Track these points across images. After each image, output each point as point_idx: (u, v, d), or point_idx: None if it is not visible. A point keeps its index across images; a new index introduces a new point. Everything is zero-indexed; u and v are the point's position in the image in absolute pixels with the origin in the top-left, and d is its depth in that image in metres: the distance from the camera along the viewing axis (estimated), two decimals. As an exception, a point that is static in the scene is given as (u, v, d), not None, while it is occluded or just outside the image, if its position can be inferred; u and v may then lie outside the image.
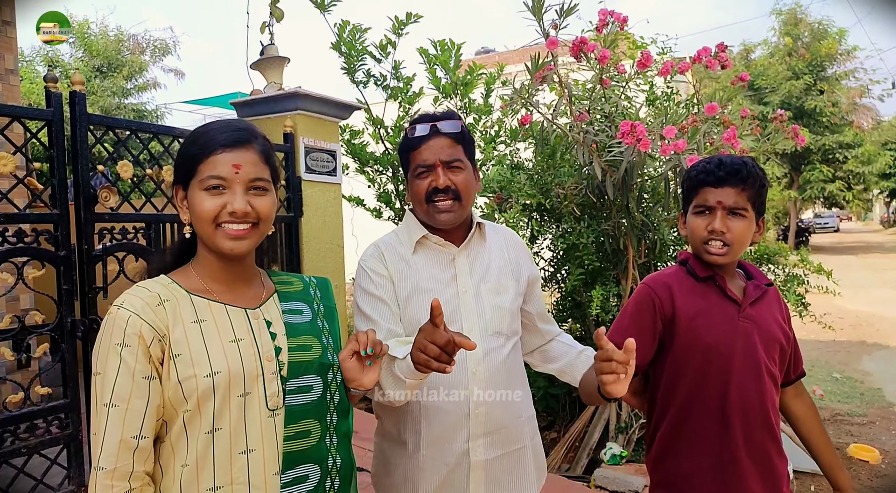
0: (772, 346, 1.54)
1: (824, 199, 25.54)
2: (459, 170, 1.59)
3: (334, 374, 1.30)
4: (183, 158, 1.22)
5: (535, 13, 2.73)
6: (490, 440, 1.59)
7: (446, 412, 1.56)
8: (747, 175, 1.50)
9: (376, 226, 5.19)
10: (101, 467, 1.08)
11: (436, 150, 1.57)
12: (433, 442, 1.57)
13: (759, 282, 1.60)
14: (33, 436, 2.47)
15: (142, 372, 1.11)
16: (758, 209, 1.55)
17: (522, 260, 1.76)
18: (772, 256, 3.94)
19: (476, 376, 1.57)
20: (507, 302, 1.65)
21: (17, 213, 2.46)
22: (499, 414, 1.60)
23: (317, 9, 4.03)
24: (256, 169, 1.20)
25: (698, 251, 1.58)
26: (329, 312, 1.40)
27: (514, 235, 1.82)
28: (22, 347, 2.50)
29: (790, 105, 20.12)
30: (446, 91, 4.49)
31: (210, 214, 1.17)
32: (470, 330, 1.57)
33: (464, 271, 1.63)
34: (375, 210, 5.04)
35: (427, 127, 1.59)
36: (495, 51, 21.20)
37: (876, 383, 6.11)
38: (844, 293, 4.80)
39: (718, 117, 2.95)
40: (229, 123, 1.25)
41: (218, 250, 1.20)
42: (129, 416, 1.09)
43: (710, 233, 1.52)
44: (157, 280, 1.22)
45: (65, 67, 13.85)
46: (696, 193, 1.56)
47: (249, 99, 3.95)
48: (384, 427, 1.68)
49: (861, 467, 3.99)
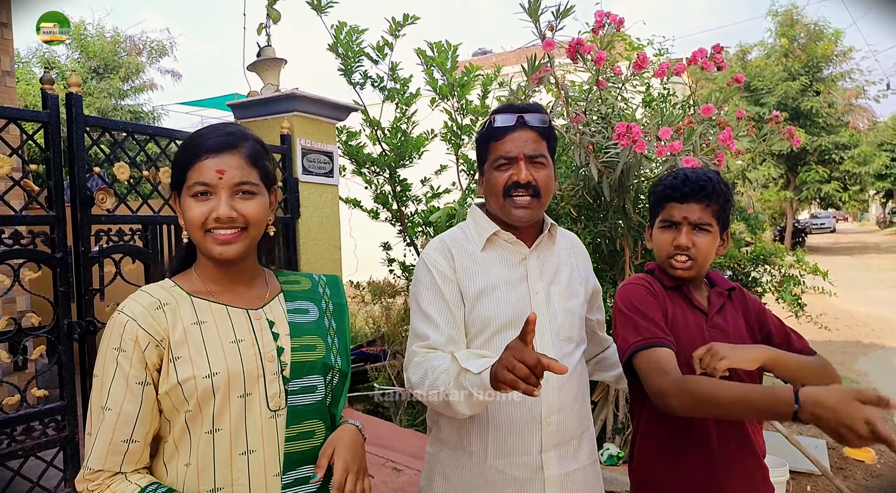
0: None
1: (820, 199, 25.58)
2: (542, 166, 1.52)
3: (332, 376, 1.29)
4: (175, 165, 1.23)
5: (531, 15, 2.73)
6: (563, 451, 1.49)
7: (517, 420, 1.46)
8: (712, 191, 1.51)
9: (373, 227, 5.20)
10: (90, 467, 1.11)
11: (520, 142, 1.50)
12: (502, 452, 1.46)
13: (721, 288, 1.61)
14: (30, 438, 2.46)
15: (136, 378, 1.13)
16: (722, 224, 1.56)
17: (588, 268, 1.72)
18: (768, 256, 3.95)
19: (548, 381, 1.44)
20: (577, 307, 1.58)
21: (13, 215, 2.46)
22: (571, 425, 1.51)
23: (313, 10, 4.03)
24: (242, 173, 1.20)
25: (664, 265, 1.58)
26: (339, 309, 1.39)
27: (579, 243, 1.77)
28: (18, 349, 2.49)
29: (786, 106, 20.16)
30: (443, 92, 4.50)
31: (198, 221, 1.18)
32: (541, 334, 1.49)
33: (534, 273, 1.55)
34: (372, 211, 5.04)
35: (513, 117, 1.51)
36: (492, 52, 21.21)
37: (872, 383, 6.13)
38: (840, 294, 4.82)
39: (714, 118, 2.96)
40: (218, 128, 1.25)
41: (209, 254, 1.21)
42: (120, 420, 1.12)
43: (675, 248, 1.53)
44: (160, 284, 1.24)
45: (61, 69, 13.82)
46: (662, 208, 1.57)
47: (246, 101, 3.95)
48: (443, 435, 1.56)
49: (857, 466, 4.00)
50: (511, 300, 1.50)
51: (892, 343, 7.89)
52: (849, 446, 1.20)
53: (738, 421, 1.49)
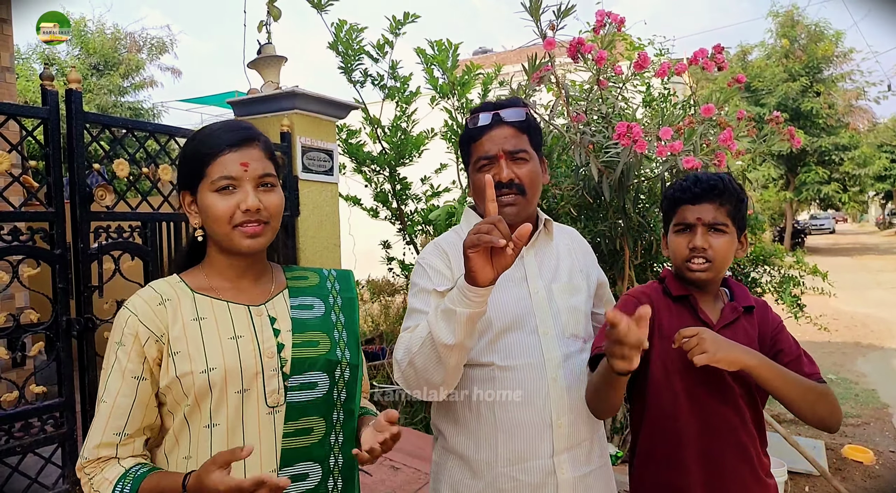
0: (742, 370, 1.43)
1: (820, 200, 25.61)
2: (524, 161, 1.48)
3: (342, 371, 1.29)
4: (189, 163, 1.23)
5: (532, 14, 2.73)
6: (575, 454, 1.45)
7: (526, 423, 1.41)
8: (724, 190, 1.48)
9: (373, 225, 5.20)
10: (85, 457, 1.14)
11: (498, 140, 1.46)
12: (513, 459, 1.41)
13: (739, 304, 1.53)
14: (28, 435, 2.46)
15: (132, 372, 1.15)
16: (738, 225, 1.51)
17: (590, 261, 1.68)
18: (768, 257, 3.96)
19: (556, 382, 1.43)
20: (581, 303, 1.54)
21: (12, 211, 2.45)
22: (582, 426, 1.47)
23: (314, 8, 4.02)
24: (263, 165, 1.21)
25: (681, 270, 1.53)
26: (348, 303, 1.38)
27: (579, 236, 1.73)
28: (17, 345, 2.50)
29: (787, 107, 20.18)
30: (443, 91, 4.49)
31: (225, 215, 1.18)
32: (545, 333, 1.45)
33: (533, 271, 1.52)
34: (372, 210, 5.04)
35: (489, 116, 1.48)
36: (493, 51, 21.21)
37: (870, 384, 6.13)
38: (840, 295, 4.82)
39: (715, 119, 2.96)
40: (229, 124, 1.25)
41: (235, 249, 1.21)
42: (114, 413, 1.14)
43: (691, 250, 1.48)
44: (166, 280, 1.25)
45: (61, 65, 13.79)
46: (675, 212, 1.54)
47: (246, 98, 3.95)
48: (449, 443, 1.51)
49: (855, 468, 4.01)
50: (512, 300, 1.47)
51: (891, 344, 7.90)
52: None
53: (731, 432, 1.45)
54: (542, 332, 1.45)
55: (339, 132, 4.54)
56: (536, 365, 1.41)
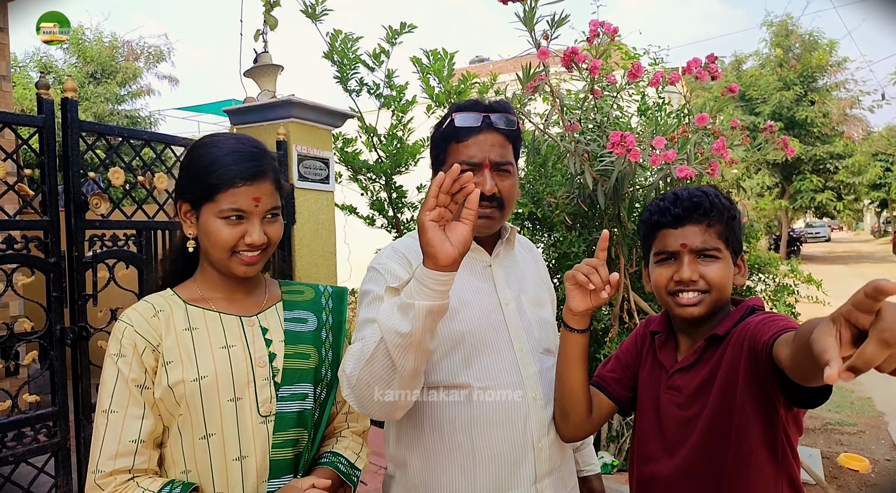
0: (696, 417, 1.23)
1: (815, 209, 25.72)
2: (508, 174, 1.34)
3: (321, 389, 1.30)
4: (195, 182, 1.21)
5: (526, 24, 2.75)
6: (555, 479, 1.34)
7: (507, 449, 1.27)
8: (711, 207, 1.22)
9: (369, 234, 5.19)
10: (101, 470, 1.10)
11: (486, 147, 1.31)
12: (492, 490, 1.26)
13: (720, 330, 1.22)
14: (21, 444, 2.45)
15: (136, 381, 1.15)
16: (733, 247, 1.25)
17: (545, 272, 1.59)
18: (763, 265, 3.97)
19: (536, 401, 1.31)
20: (549, 315, 1.46)
21: (7, 219, 2.45)
22: (559, 447, 1.36)
23: (308, 18, 4.04)
24: (273, 199, 1.23)
25: (668, 306, 1.27)
26: (337, 325, 1.39)
27: (532, 245, 1.63)
28: (10, 354, 2.48)
29: (781, 116, 20.30)
30: (439, 100, 4.51)
31: (229, 244, 1.19)
32: (521, 349, 1.34)
33: (501, 282, 1.40)
34: (368, 218, 5.05)
35: (478, 117, 1.32)
36: (489, 60, 21.28)
37: (866, 392, 6.14)
38: (834, 303, 4.80)
39: (709, 128, 2.98)
40: (243, 149, 1.22)
41: (231, 274, 1.23)
42: (128, 420, 1.13)
43: (677, 284, 1.23)
44: (160, 293, 1.26)
45: (58, 73, 13.83)
46: (654, 238, 1.28)
47: (242, 107, 3.96)
48: (411, 479, 1.31)
49: (851, 476, 4.01)
50: (483, 312, 1.35)
51: (886, 352, 7.90)
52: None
53: (715, 485, 1.23)
54: (518, 348, 1.34)
55: (335, 141, 4.55)
56: (515, 384, 1.30)
